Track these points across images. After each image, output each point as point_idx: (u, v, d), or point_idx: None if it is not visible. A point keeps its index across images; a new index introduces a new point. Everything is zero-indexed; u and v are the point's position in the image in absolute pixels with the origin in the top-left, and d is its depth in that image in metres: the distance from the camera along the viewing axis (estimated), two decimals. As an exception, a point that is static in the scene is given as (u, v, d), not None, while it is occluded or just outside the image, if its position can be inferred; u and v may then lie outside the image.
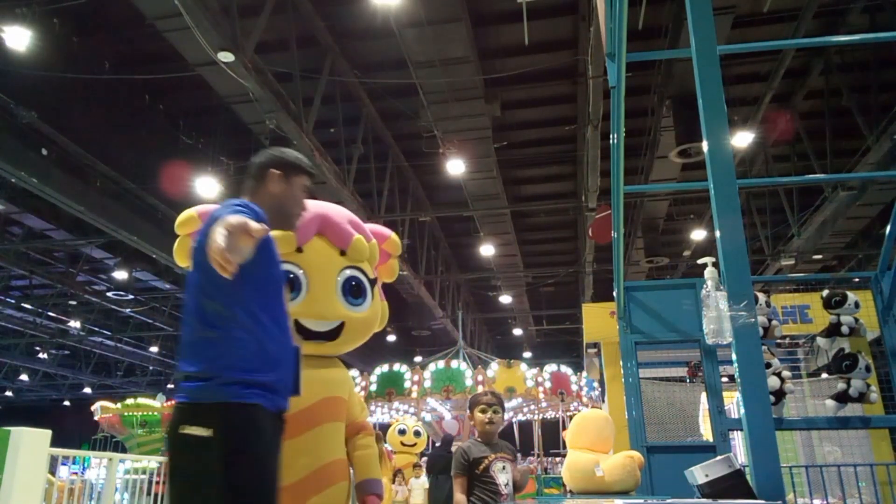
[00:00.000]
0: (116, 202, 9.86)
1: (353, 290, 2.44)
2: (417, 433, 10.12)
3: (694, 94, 2.31)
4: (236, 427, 1.67)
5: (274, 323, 1.85)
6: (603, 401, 11.44)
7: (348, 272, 2.46)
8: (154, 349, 22.00)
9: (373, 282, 2.53)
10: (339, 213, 2.55)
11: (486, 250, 14.38)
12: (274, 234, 2.29)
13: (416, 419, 11.03)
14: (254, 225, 1.52)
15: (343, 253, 2.45)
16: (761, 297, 4.13)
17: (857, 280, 5.13)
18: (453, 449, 9.06)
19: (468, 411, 3.40)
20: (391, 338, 19.50)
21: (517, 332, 22.12)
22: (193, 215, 2.45)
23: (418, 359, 16.21)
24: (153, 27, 8.02)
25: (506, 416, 16.58)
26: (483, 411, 3.26)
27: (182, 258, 2.46)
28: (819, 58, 8.76)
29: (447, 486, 9.12)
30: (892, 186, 9.84)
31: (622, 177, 3.82)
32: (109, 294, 16.21)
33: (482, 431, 3.28)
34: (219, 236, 1.45)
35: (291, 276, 2.36)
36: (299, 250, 2.39)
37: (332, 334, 2.40)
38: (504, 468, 3.18)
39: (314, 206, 2.45)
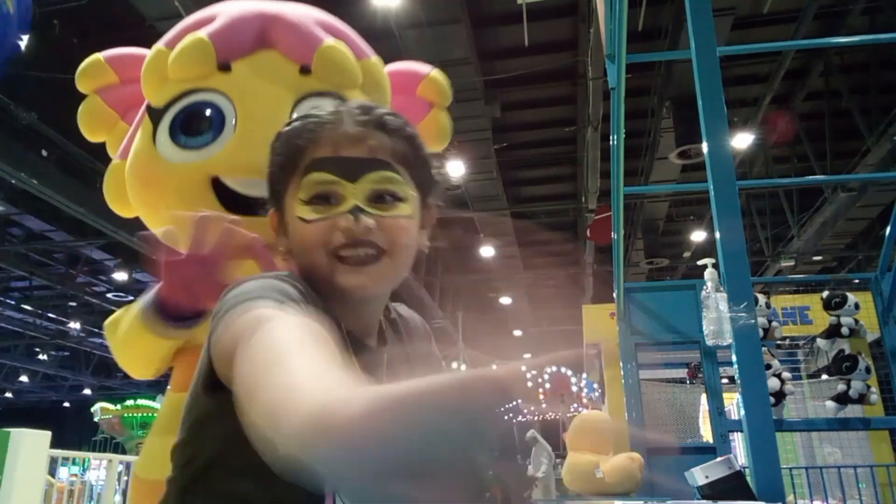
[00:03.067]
0: (116, 203, 9.86)
1: None
2: None
3: (694, 95, 2.31)
4: None
5: None
6: (603, 402, 11.44)
7: (314, 100, 1.48)
8: (154, 350, 21.93)
9: None
10: (302, 12, 1.59)
11: (486, 251, 14.38)
12: (182, 43, 1.49)
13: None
14: None
15: (306, 71, 1.51)
16: (761, 298, 4.13)
17: (857, 281, 5.14)
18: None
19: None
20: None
21: (517, 333, 22.11)
22: (100, 61, 1.70)
23: (418, 360, 16.17)
24: (154, 28, 8.01)
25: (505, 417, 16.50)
26: (323, 197, 0.79)
27: (93, 129, 1.74)
28: (819, 59, 8.75)
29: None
30: (892, 188, 9.83)
31: (622, 178, 3.82)
32: (109, 295, 16.19)
33: (311, 266, 0.81)
34: None
35: (207, 108, 1.47)
36: (224, 68, 1.47)
37: None
38: None
39: (257, 4, 1.56)
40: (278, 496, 0.68)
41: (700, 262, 3.25)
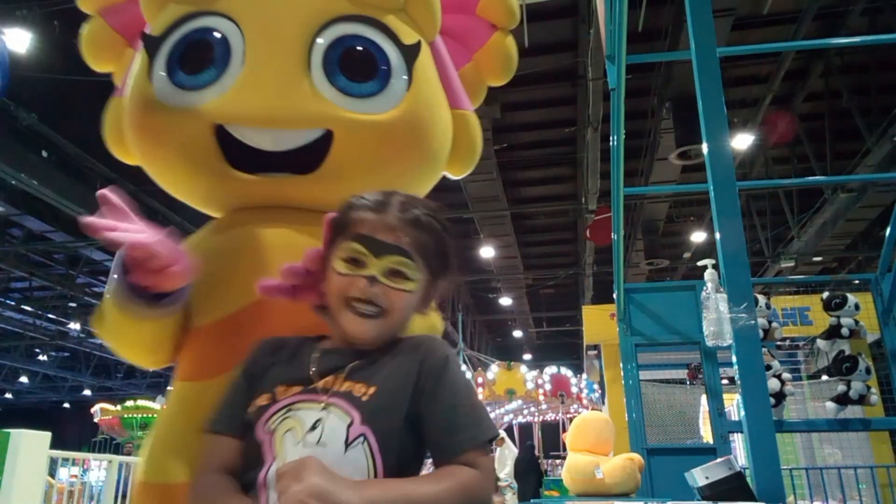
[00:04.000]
0: (116, 204, 9.85)
1: (353, 65, 1.19)
2: None
3: (694, 96, 2.31)
4: None
5: None
6: (603, 403, 11.44)
7: (342, 27, 1.21)
8: (154, 351, 21.89)
9: (410, 51, 1.25)
10: None
11: (487, 252, 14.38)
12: None
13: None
14: None
15: None
16: (761, 299, 4.13)
17: (857, 282, 5.13)
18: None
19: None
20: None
21: (517, 333, 22.11)
22: None
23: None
24: (153, 29, 8.03)
25: (506, 419, 16.52)
26: (354, 260, 1.02)
27: (98, 57, 1.43)
28: (819, 60, 8.75)
29: (530, 488, 9.41)
30: (892, 189, 9.83)
31: (622, 179, 3.83)
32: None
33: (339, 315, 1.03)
34: None
35: (207, 36, 1.20)
36: None
37: (305, 158, 1.20)
38: (317, 426, 0.93)
39: None
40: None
41: (700, 263, 3.25)
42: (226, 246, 1.19)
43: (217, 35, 1.19)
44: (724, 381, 4.43)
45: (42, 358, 22.43)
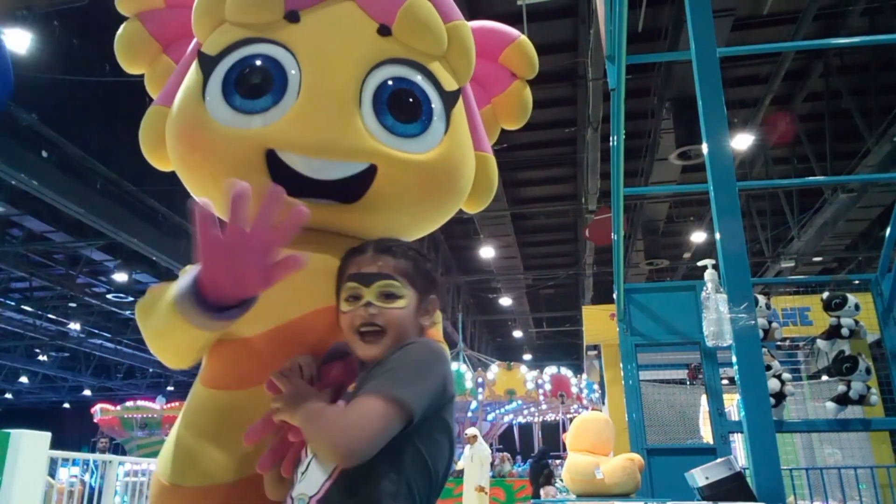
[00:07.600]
0: (116, 204, 9.85)
1: (400, 106, 1.28)
2: None
3: (694, 96, 2.31)
4: None
5: None
6: (603, 403, 11.44)
7: (391, 69, 1.30)
8: (154, 351, 21.89)
9: (450, 97, 1.35)
10: None
11: (486, 252, 14.38)
12: None
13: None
14: None
15: (385, 32, 1.30)
16: (761, 299, 4.13)
17: (857, 282, 5.13)
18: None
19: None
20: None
21: (517, 334, 22.11)
22: None
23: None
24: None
25: (506, 419, 16.57)
26: (353, 297, 1.20)
27: (132, 59, 1.51)
28: (819, 60, 8.76)
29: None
30: (892, 189, 9.83)
31: (622, 179, 3.83)
32: (109, 296, 16.19)
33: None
34: None
35: (266, 64, 1.27)
36: (292, 17, 1.28)
37: (349, 189, 1.28)
38: None
39: None
40: None
41: (700, 263, 3.25)
42: None
43: (276, 63, 1.27)
44: (724, 381, 4.42)
45: (42, 358, 22.41)
